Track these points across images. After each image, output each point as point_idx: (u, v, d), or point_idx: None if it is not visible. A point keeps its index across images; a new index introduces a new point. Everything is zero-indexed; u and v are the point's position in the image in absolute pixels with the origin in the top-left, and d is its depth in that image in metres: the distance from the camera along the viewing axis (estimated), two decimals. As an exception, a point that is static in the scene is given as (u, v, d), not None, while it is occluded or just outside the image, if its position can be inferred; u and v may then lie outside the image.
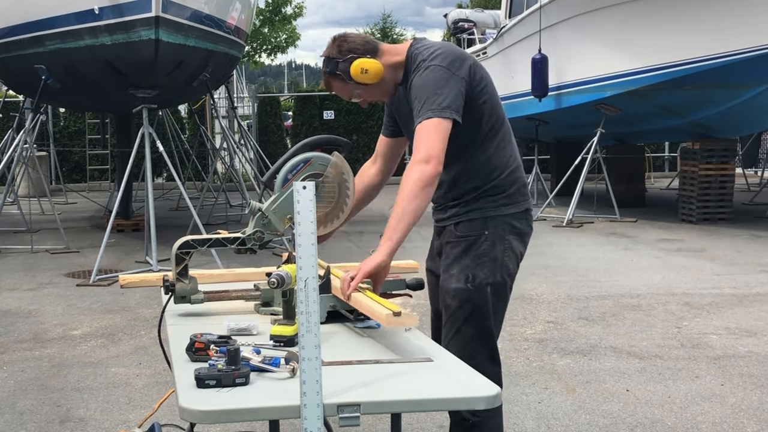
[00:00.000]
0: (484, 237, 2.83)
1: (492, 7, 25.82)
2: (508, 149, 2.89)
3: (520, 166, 2.94)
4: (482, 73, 2.83)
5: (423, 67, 2.75)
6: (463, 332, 2.82)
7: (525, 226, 2.90)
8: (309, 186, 1.88)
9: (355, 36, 2.90)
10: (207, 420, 1.92)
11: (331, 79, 2.88)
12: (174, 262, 2.70)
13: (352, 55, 2.82)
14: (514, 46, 13.81)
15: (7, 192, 11.18)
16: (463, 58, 2.79)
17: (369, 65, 2.80)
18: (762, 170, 16.71)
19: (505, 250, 2.84)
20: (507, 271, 2.85)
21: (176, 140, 15.91)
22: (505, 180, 2.85)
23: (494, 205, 2.84)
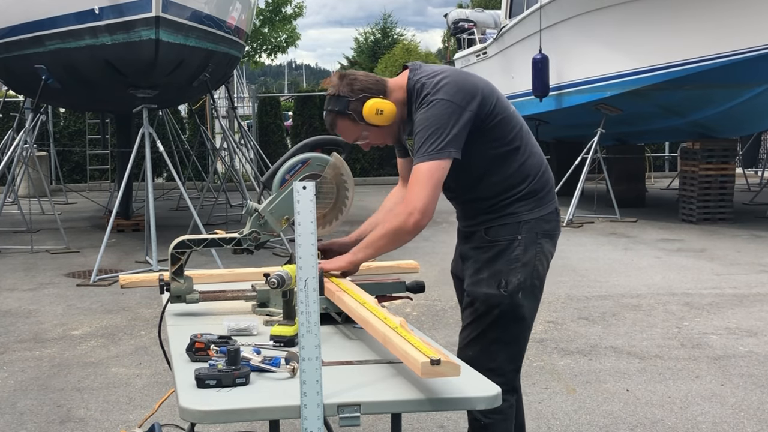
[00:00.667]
0: (517, 242, 2.76)
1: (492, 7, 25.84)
2: (536, 153, 2.84)
3: (548, 166, 2.90)
4: (491, 97, 2.72)
5: (428, 101, 2.65)
6: (486, 335, 2.77)
7: (555, 227, 2.87)
8: (309, 186, 1.88)
9: (366, 74, 2.79)
10: (207, 420, 1.92)
11: (339, 118, 2.76)
12: (170, 262, 2.71)
13: (365, 95, 2.71)
14: (515, 46, 13.82)
15: (7, 192, 11.18)
16: (472, 89, 2.68)
17: (384, 106, 2.70)
18: (762, 170, 16.71)
19: (537, 254, 2.79)
20: (538, 275, 2.81)
21: (176, 140, 15.91)
22: (537, 184, 2.81)
23: (527, 209, 2.79)
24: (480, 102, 2.67)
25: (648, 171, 16.06)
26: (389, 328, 2.15)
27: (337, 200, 2.83)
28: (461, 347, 2.84)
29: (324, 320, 2.54)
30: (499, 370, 2.73)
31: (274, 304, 2.72)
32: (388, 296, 2.83)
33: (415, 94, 2.72)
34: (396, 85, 2.78)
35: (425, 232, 3.32)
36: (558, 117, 13.16)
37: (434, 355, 1.89)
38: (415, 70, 2.77)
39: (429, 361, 1.87)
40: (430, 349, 1.95)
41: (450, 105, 2.62)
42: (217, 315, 2.75)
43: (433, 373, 1.88)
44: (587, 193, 12.93)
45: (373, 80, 2.76)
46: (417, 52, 39.35)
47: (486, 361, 2.69)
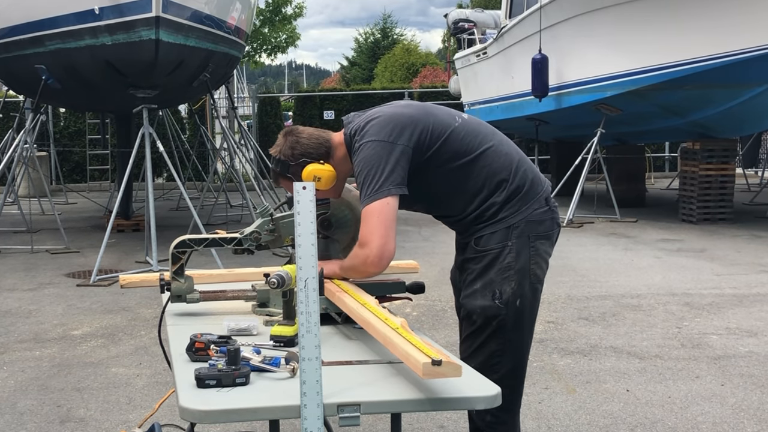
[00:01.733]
0: (508, 248, 2.69)
1: (492, 7, 25.83)
2: (503, 152, 2.75)
3: (524, 158, 2.81)
4: (427, 122, 2.68)
5: (357, 147, 2.64)
6: (486, 346, 2.72)
7: (549, 226, 2.78)
8: (309, 186, 1.88)
9: (309, 136, 2.77)
10: (207, 420, 1.92)
11: (281, 178, 2.79)
12: (170, 262, 2.71)
13: (304, 159, 2.72)
14: (515, 46, 13.82)
15: (7, 192, 11.18)
16: (403, 122, 2.65)
17: (322, 173, 2.71)
18: (762, 170, 16.71)
19: (532, 257, 2.72)
20: (537, 278, 2.75)
21: (176, 140, 15.92)
22: (513, 183, 2.72)
23: (512, 211, 2.71)
24: (414, 133, 2.64)
25: (648, 171, 16.07)
26: (390, 328, 2.15)
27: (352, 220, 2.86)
28: (463, 358, 2.77)
29: (324, 320, 2.55)
30: (503, 380, 2.68)
31: (274, 304, 2.72)
32: (388, 296, 2.83)
33: (350, 144, 2.73)
34: (338, 141, 2.78)
35: (425, 232, 3.32)
36: (558, 117, 13.16)
37: (435, 356, 1.89)
38: (348, 123, 2.77)
39: (430, 362, 1.86)
40: (432, 350, 1.95)
41: (378, 144, 2.60)
42: (217, 315, 2.75)
43: (434, 374, 1.88)
44: (587, 193, 12.93)
45: (315, 143, 2.75)
46: (417, 53, 39.34)
47: (489, 372, 2.65)
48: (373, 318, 2.26)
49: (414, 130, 2.65)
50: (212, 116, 17.81)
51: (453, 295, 3.07)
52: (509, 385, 2.72)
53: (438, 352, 1.94)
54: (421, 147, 2.65)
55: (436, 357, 1.88)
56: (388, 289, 2.80)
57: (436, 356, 1.89)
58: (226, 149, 13.19)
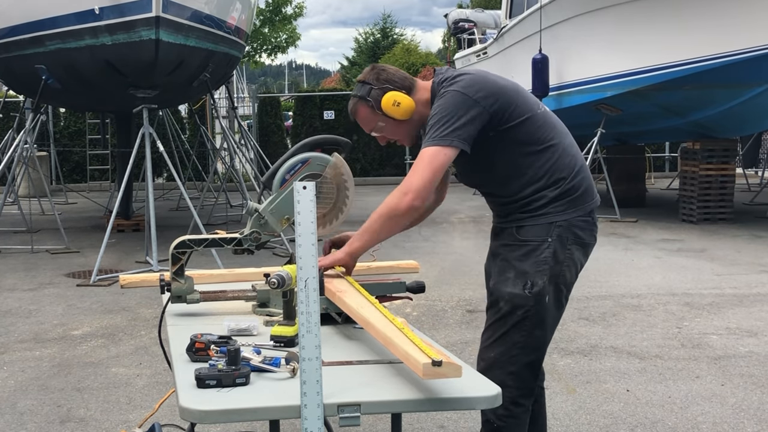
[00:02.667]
0: (547, 244, 2.72)
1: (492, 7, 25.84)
2: (569, 153, 2.79)
3: (585, 166, 2.84)
4: (515, 97, 2.72)
5: (441, 94, 2.68)
6: (509, 336, 2.73)
7: (589, 236, 2.81)
8: (309, 186, 1.88)
9: (396, 70, 2.84)
10: (207, 420, 1.92)
11: (360, 104, 2.81)
12: (170, 262, 2.71)
13: (388, 86, 2.75)
14: (515, 46, 13.82)
15: (7, 192, 11.18)
16: (492, 87, 2.69)
17: (402, 99, 2.74)
18: (762, 170, 16.71)
19: (565, 260, 2.74)
20: (564, 281, 2.76)
21: (176, 140, 15.92)
22: (570, 184, 2.75)
23: (559, 209, 2.74)
24: (498, 101, 2.66)
25: (648, 171, 16.07)
26: (390, 328, 2.14)
27: (337, 200, 2.82)
28: (483, 347, 2.80)
29: (324, 320, 2.55)
30: (520, 374, 2.71)
31: (274, 305, 2.72)
32: (389, 296, 2.83)
33: (437, 91, 2.75)
34: (422, 86, 2.82)
35: (425, 231, 3.32)
36: (558, 117, 13.09)
37: (436, 356, 1.89)
38: (440, 73, 2.80)
39: (430, 362, 1.86)
40: (432, 350, 1.95)
41: (461, 96, 2.63)
42: (218, 315, 2.75)
43: (434, 375, 1.88)
44: (587, 193, 12.91)
45: (401, 76, 2.80)
46: (417, 52, 39.31)
47: (507, 364, 2.67)
48: (373, 318, 2.26)
49: (499, 98, 2.67)
50: (212, 116, 17.80)
51: (458, 293, 3.06)
52: (525, 381, 2.72)
53: (438, 353, 1.94)
54: (500, 118, 2.67)
55: (437, 357, 1.88)
56: (388, 289, 2.80)
57: (436, 357, 1.89)
58: (226, 149, 13.19)
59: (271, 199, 2.74)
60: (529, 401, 2.80)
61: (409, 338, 2.06)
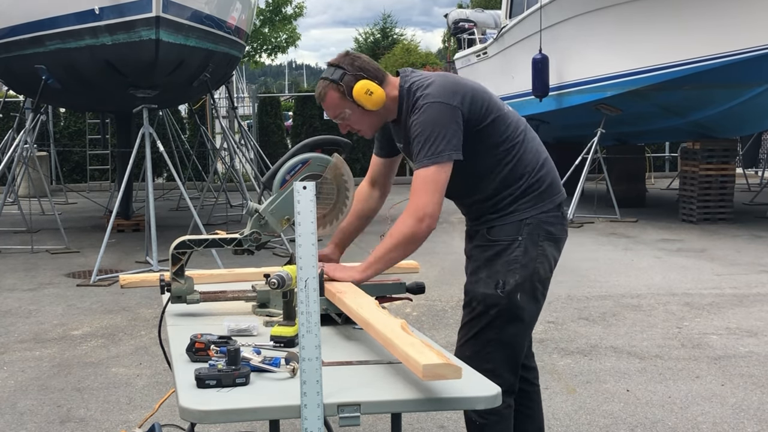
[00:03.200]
0: (518, 243, 2.76)
1: (492, 7, 25.84)
2: (532, 148, 2.83)
3: (549, 159, 2.88)
4: (484, 96, 2.75)
5: (420, 106, 2.67)
6: (483, 334, 2.76)
7: (560, 231, 2.85)
8: (309, 186, 1.88)
9: (369, 59, 2.83)
10: (207, 420, 1.92)
11: (330, 88, 2.76)
12: (170, 262, 2.70)
13: (361, 74, 2.73)
14: (515, 46, 13.82)
15: (7, 192, 11.18)
16: (463, 89, 2.72)
17: (375, 89, 2.72)
18: (762, 170, 16.71)
19: (538, 256, 2.77)
20: (539, 278, 2.79)
21: (176, 140, 15.92)
22: (534, 178, 2.80)
23: (527, 206, 2.77)
24: (471, 101, 2.70)
25: (648, 171, 16.07)
26: (389, 329, 2.14)
27: (338, 201, 2.82)
28: (459, 346, 2.85)
29: (324, 321, 2.55)
30: (496, 371, 2.71)
31: (274, 305, 2.72)
32: (388, 297, 2.83)
33: (406, 96, 2.74)
34: (391, 82, 2.81)
35: (425, 232, 3.31)
36: (558, 117, 13.15)
37: (436, 357, 1.89)
38: (405, 75, 2.81)
39: (430, 364, 1.86)
40: (432, 351, 1.95)
41: (444, 106, 2.64)
42: (217, 315, 2.75)
43: (434, 376, 1.88)
44: (587, 193, 12.92)
45: (374, 66, 2.79)
46: (417, 52, 39.30)
47: (482, 361, 2.68)
48: (373, 319, 2.26)
49: (473, 99, 2.70)
50: (212, 116, 17.80)
51: (458, 293, 3.08)
52: (502, 378, 2.72)
53: (438, 354, 1.94)
54: (475, 119, 2.70)
55: (437, 358, 1.88)
56: (388, 290, 2.81)
57: (436, 358, 1.89)
58: (226, 149, 13.19)
59: (271, 200, 2.74)
60: (509, 398, 2.80)
61: (408, 339, 2.06)
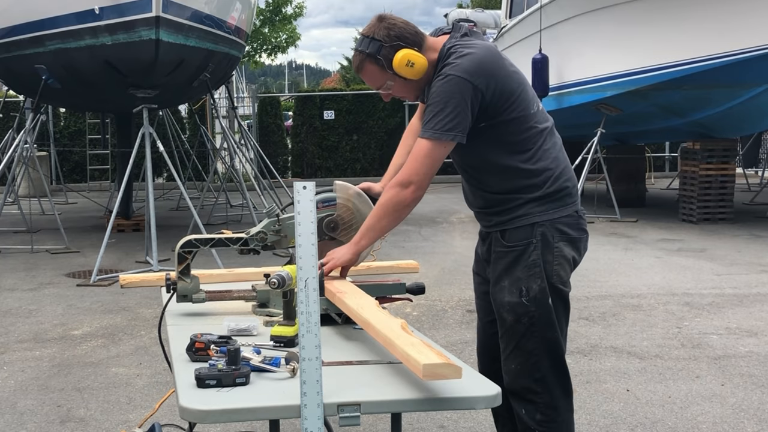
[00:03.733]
0: (533, 246, 2.67)
1: (492, 7, 25.84)
2: (551, 153, 2.73)
3: (568, 167, 2.78)
4: (513, 88, 2.62)
5: (444, 73, 2.55)
6: (522, 347, 2.69)
7: (575, 231, 2.73)
8: (309, 186, 1.88)
9: (405, 23, 2.65)
10: (207, 420, 1.92)
11: (367, 61, 2.64)
12: (176, 261, 2.70)
13: (399, 43, 2.59)
14: (515, 46, 13.81)
15: (7, 192, 11.18)
16: (494, 69, 2.58)
17: (416, 59, 2.58)
18: (762, 170, 16.71)
19: (556, 258, 2.68)
20: (560, 279, 2.70)
21: (176, 140, 15.92)
22: (551, 184, 2.69)
23: (539, 210, 2.68)
24: (500, 87, 2.57)
25: (648, 171, 16.08)
26: (389, 329, 2.14)
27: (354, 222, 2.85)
28: (504, 360, 2.76)
29: (324, 321, 2.55)
30: (546, 378, 2.68)
31: (274, 305, 2.72)
32: (388, 298, 2.83)
33: (444, 58, 2.60)
34: (432, 45, 2.67)
35: (425, 231, 3.31)
36: (558, 117, 13.00)
37: (436, 357, 1.89)
38: (454, 35, 2.66)
39: (431, 363, 1.86)
40: (432, 351, 1.94)
41: (465, 84, 2.52)
42: (218, 315, 2.75)
43: (434, 375, 1.87)
44: (587, 193, 12.93)
45: (412, 30, 2.64)
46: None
47: (531, 372, 2.66)
48: (373, 319, 2.26)
49: (500, 86, 2.58)
50: (212, 116, 17.81)
51: (457, 292, 3.06)
52: (555, 383, 2.69)
53: (438, 354, 1.94)
54: (496, 106, 2.59)
55: (437, 358, 1.88)
56: (388, 291, 2.81)
57: (436, 357, 1.89)
58: (226, 149, 13.19)
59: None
60: (568, 401, 2.75)
61: (409, 339, 2.05)
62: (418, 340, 2.04)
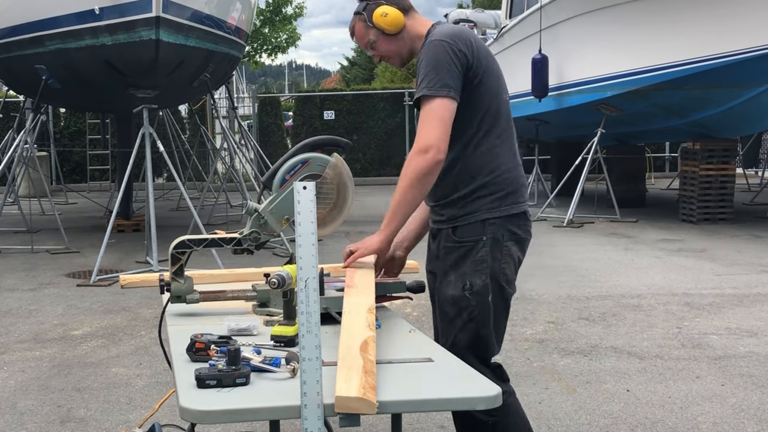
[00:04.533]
0: (483, 242, 2.73)
1: (492, 7, 25.82)
2: (506, 146, 2.78)
3: (520, 165, 2.84)
4: (487, 62, 2.75)
5: (427, 42, 2.73)
6: (458, 340, 2.74)
7: (524, 232, 2.81)
8: (309, 186, 1.88)
9: None
10: (207, 420, 1.92)
11: (356, 20, 2.89)
12: (170, 262, 2.70)
13: (382, 1, 2.83)
14: (515, 46, 13.82)
15: (7, 192, 11.18)
16: (471, 38, 2.73)
17: (390, 11, 2.80)
18: (762, 170, 16.71)
19: (503, 257, 2.75)
20: (505, 278, 2.76)
21: (176, 140, 15.92)
22: (503, 178, 2.75)
23: (491, 206, 2.74)
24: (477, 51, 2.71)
25: (648, 171, 16.08)
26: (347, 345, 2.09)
27: (338, 201, 2.82)
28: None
29: (324, 320, 2.55)
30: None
31: (274, 304, 2.72)
32: (389, 296, 2.83)
33: (428, 36, 2.79)
34: (422, 22, 2.88)
35: (425, 232, 3.31)
36: (558, 117, 13.16)
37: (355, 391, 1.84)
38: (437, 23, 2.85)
39: (343, 396, 1.82)
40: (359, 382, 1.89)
41: (448, 46, 2.66)
42: (218, 315, 2.75)
43: (347, 408, 1.83)
44: (587, 194, 12.93)
45: None
46: (417, 52, 39.27)
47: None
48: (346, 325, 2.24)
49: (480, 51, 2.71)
50: (212, 116, 17.82)
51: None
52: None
53: (365, 386, 1.87)
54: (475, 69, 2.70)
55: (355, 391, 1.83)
56: (389, 289, 2.81)
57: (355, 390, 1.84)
58: (226, 149, 13.19)
59: (271, 199, 2.74)
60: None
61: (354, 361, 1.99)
62: (361, 365, 1.97)
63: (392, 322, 2.65)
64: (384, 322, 2.58)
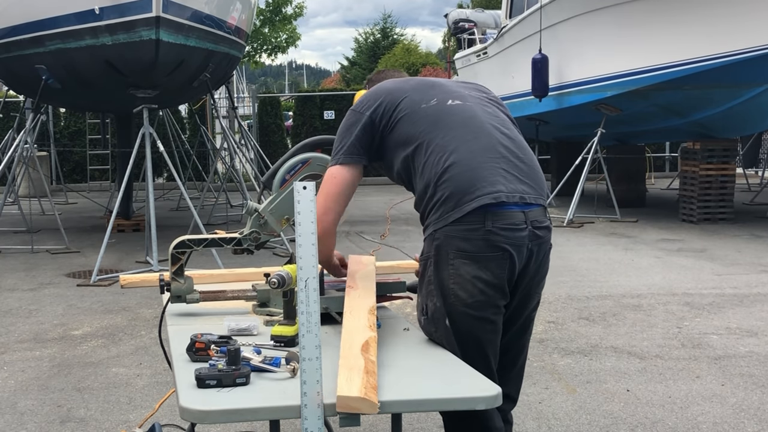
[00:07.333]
0: (430, 261, 2.47)
1: (493, 7, 25.83)
2: (459, 144, 2.46)
3: (456, 163, 2.42)
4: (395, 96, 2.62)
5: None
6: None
7: (479, 245, 2.36)
8: (309, 186, 1.88)
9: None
10: (207, 420, 1.92)
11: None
12: (170, 262, 2.71)
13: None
14: (515, 46, 13.82)
15: (7, 192, 11.18)
16: (377, 94, 2.66)
17: (357, 97, 2.88)
18: (762, 170, 16.71)
19: (450, 276, 2.39)
20: (461, 302, 2.38)
21: (177, 140, 15.92)
22: (445, 179, 2.42)
23: (435, 217, 2.45)
24: (382, 106, 2.62)
25: (648, 171, 16.08)
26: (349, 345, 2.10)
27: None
28: None
29: (324, 320, 2.55)
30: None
31: (274, 304, 2.72)
32: (389, 296, 2.83)
33: None
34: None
35: (425, 232, 3.30)
36: (558, 117, 13.16)
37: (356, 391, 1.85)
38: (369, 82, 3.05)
39: (345, 396, 1.82)
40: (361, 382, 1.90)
41: (351, 113, 2.68)
42: (218, 315, 2.75)
43: (348, 408, 1.84)
44: (587, 193, 12.92)
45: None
46: (417, 52, 39.34)
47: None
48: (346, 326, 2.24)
49: (383, 103, 2.64)
50: (212, 116, 17.81)
51: None
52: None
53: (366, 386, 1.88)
54: (382, 122, 2.62)
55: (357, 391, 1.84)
56: (389, 289, 2.81)
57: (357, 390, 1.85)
58: (226, 149, 13.19)
59: (271, 199, 2.75)
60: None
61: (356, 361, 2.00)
62: (362, 365, 1.98)
63: (392, 322, 2.65)
64: (384, 322, 2.58)
